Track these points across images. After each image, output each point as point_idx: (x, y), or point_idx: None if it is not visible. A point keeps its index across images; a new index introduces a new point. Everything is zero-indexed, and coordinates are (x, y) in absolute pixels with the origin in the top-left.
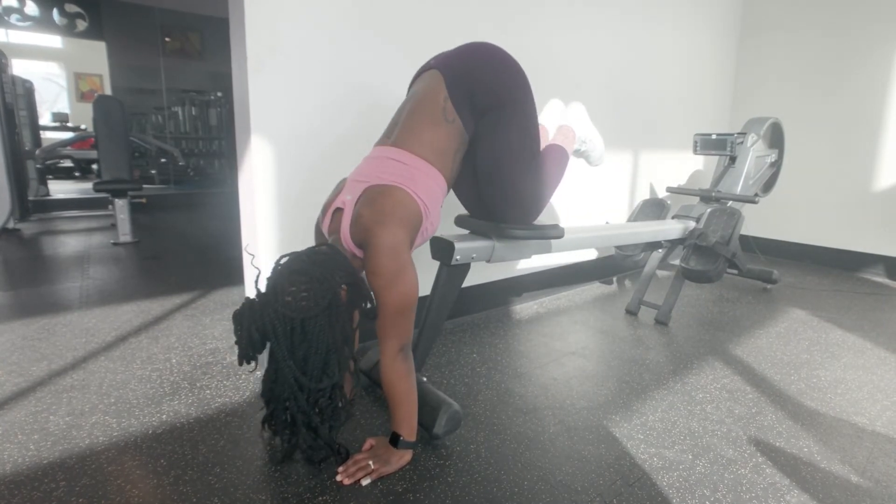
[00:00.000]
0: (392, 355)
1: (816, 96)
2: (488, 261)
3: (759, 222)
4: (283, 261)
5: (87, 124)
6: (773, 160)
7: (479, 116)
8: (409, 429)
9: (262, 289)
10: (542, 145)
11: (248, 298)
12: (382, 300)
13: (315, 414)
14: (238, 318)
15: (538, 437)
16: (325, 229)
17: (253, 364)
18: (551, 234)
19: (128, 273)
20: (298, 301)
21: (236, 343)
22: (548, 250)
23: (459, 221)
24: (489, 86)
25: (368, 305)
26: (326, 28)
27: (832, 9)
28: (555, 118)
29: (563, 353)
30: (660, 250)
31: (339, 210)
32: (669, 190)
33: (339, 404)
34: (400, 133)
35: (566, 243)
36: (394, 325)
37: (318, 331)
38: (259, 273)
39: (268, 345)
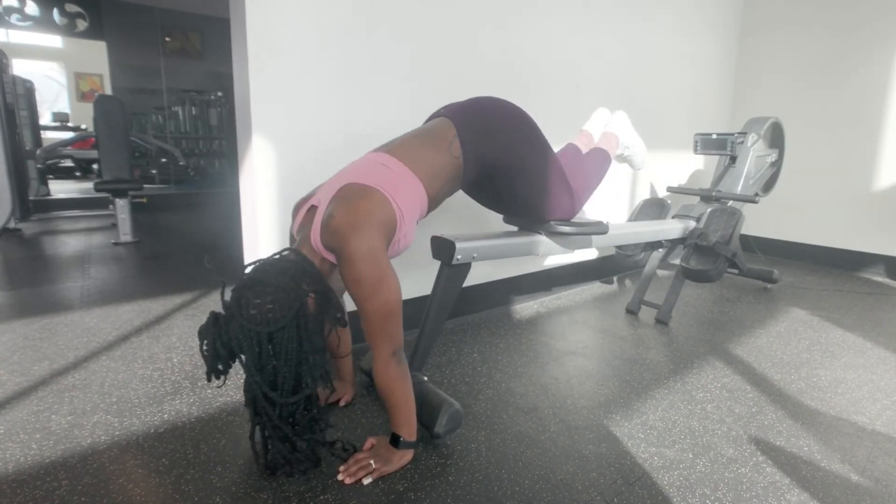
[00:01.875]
0: (385, 361)
1: (817, 95)
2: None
3: (759, 222)
4: (248, 270)
5: (87, 124)
6: (773, 160)
7: (488, 169)
8: (409, 429)
9: (228, 300)
10: (586, 149)
11: (212, 312)
12: (366, 309)
13: (289, 426)
14: (203, 333)
15: (539, 437)
16: (295, 227)
17: (222, 378)
18: (596, 230)
19: (128, 273)
20: (264, 313)
21: (203, 359)
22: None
23: (508, 219)
24: (501, 153)
25: (339, 315)
26: (328, 28)
27: (833, 7)
28: (600, 125)
29: (564, 352)
30: (660, 250)
31: (313, 208)
32: (670, 189)
33: (315, 414)
34: (396, 145)
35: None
36: (382, 331)
37: (287, 343)
38: (224, 285)
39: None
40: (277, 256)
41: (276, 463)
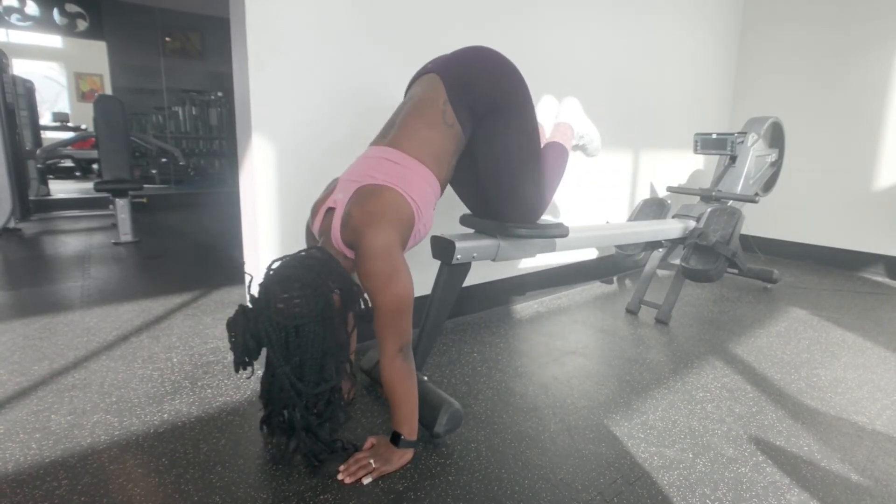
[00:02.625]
0: (391, 356)
1: (817, 95)
2: (493, 259)
3: (759, 222)
4: (274, 266)
5: (87, 124)
6: (773, 160)
7: (478, 120)
8: (409, 428)
9: (255, 295)
10: (540, 143)
11: (241, 306)
12: (377, 303)
13: (313, 417)
14: (232, 325)
15: (539, 436)
16: (315, 229)
17: (250, 370)
18: (555, 232)
19: (129, 272)
20: (291, 307)
21: (231, 350)
22: (552, 249)
23: (464, 220)
24: (489, 92)
25: (363, 307)
26: (328, 28)
27: (833, 6)
28: (550, 115)
29: (564, 352)
30: (660, 250)
31: (330, 210)
32: (670, 189)
33: (338, 406)
34: (396, 133)
35: (570, 242)
36: (391, 326)
37: (313, 336)
38: (251, 279)
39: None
40: (304, 253)
41: (293, 452)
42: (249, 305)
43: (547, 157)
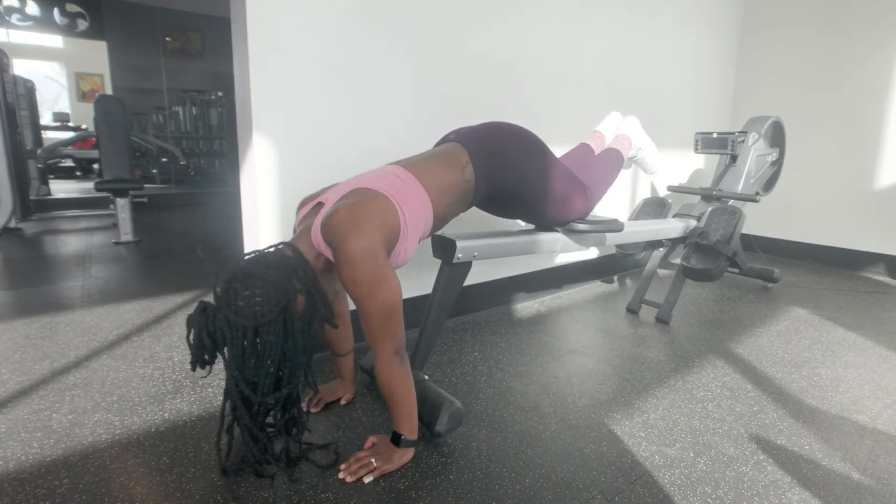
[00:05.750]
0: (387, 360)
1: (817, 94)
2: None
3: (760, 221)
4: (241, 262)
5: (88, 124)
6: (774, 159)
7: (498, 192)
8: (410, 428)
9: (218, 290)
10: (599, 149)
11: (201, 302)
12: (366, 308)
13: (262, 428)
14: (190, 322)
15: (540, 435)
16: (298, 219)
17: (208, 369)
18: (612, 227)
19: (129, 272)
20: (252, 306)
21: (189, 348)
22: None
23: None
24: (514, 176)
25: (327, 316)
26: (329, 27)
27: (833, 7)
28: (612, 127)
29: (565, 351)
30: (661, 249)
31: (320, 204)
32: (670, 189)
33: (294, 415)
34: (412, 161)
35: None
36: (383, 330)
37: (273, 338)
38: (217, 275)
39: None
40: (272, 250)
41: (236, 463)
42: (211, 302)
43: (602, 161)
